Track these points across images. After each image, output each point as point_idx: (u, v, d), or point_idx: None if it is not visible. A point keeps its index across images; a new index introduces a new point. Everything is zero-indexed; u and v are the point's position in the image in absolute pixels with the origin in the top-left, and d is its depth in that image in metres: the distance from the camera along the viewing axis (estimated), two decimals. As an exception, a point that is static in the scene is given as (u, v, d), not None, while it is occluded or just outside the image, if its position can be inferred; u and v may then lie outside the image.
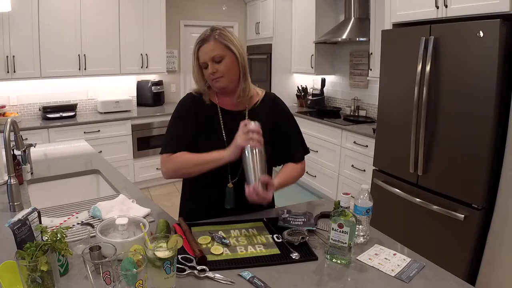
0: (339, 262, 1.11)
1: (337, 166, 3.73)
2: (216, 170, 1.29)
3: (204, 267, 1.05)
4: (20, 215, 1.01)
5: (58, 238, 0.93)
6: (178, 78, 5.12)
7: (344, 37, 3.72)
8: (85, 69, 3.95)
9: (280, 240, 1.23)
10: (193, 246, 1.12)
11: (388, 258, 1.14)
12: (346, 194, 1.16)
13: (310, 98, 4.74)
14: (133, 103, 4.43)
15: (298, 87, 4.93)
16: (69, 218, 1.38)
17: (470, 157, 2.09)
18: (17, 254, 0.86)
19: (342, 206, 1.13)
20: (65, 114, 3.88)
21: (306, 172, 3.98)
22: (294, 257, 1.13)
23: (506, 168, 2.00)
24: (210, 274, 1.03)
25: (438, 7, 2.31)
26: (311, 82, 4.88)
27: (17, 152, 1.75)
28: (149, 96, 4.58)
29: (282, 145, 1.46)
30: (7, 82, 3.62)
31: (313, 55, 4.38)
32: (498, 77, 1.93)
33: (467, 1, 2.14)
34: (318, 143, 3.91)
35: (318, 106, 4.51)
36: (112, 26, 4.05)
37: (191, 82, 5.24)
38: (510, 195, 1.98)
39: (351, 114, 4.13)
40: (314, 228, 1.31)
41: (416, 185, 2.46)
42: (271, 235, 1.26)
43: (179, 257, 1.07)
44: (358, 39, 3.67)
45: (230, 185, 1.36)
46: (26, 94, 3.89)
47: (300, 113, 4.28)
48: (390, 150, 2.68)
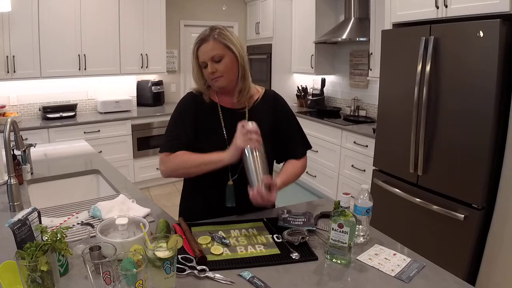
0: (339, 262, 1.11)
1: (337, 166, 3.73)
2: (216, 169, 1.29)
3: (204, 267, 1.05)
4: (20, 215, 1.01)
5: (58, 238, 0.93)
6: (178, 78, 5.12)
7: (344, 37, 3.72)
8: (85, 69, 3.95)
9: (280, 240, 1.23)
10: (193, 246, 1.12)
11: (388, 258, 1.14)
12: (346, 194, 1.16)
13: (310, 98, 4.74)
14: (133, 103, 4.43)
15: (298, 87, 4.93)
16: (69, 218, 1.38)
17: (470, 157, 2.09)
18: (17, 254, 0.86)
19: (342, 206, 1.13)
20: (65, 114, 3.88)
21: (306, 172, 3.98)
22: (294, 257, 1.13)
23: (506, 168, 2.00)
24: (210, 274, 1.03)
25: (438, 7, 2.31)
26: (311, 82, 4.88)
27: (17, 152, 1.75)
28: (149, 96, 4.58)
29: (283, 141, 1.46)
30: (7, 82, 3.63)
31: (313, 55, 4.38)
32: (498, 77, 1.93)
33: (467, 1, 2.14)
34: (318, 143, 3.91)
35: (318, 106, 4.51)
36: (112, 26, 4.05)
37: (191, 82, 5.23)
38: (510, 195, 1.98)
39: (351, 114, 4.13)
40: (314, 228, 1.31)
41: (416, 185, 2.46)
42: (271, 235, 1.26)
43: (179, 257, 1.07)
44: (358, 39, 3.67)
45: (230, 182, 1.36)
46: (26, 94, 3.89)
47: (300, 113, 4.28)
48: (390, 150, 2.68)
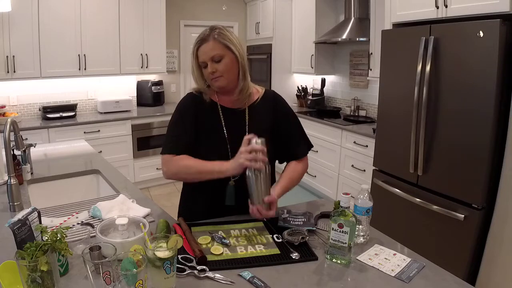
0: (339, 262, 1.11)
1: (337, 166, 3.73)
2: None
3: (204, 267, 1.05)
4: (20, 215, 1.01)
5: (58, 238, 0.93)
6: (178, 78, 5.12)
7: (344, 37, 3.72)
8: (85, 69, 3.95)
9: (280, 240, 1.23)
10: (193, 246, 1.12)
11: (388, 258, 1.14)
12: (346, 194, 1.16)
13: (310, 98, 4.74)
14: (133, 103, 4.43)
15: (298, 87, 4.93)
16: (69, 218, 1.38)
17: (470, 157, 2.09)
18: (17, 254, 0.86)
19: (342, 206, 1.13)
20: (65, 114, 3.88)
21: (306, 172, 3.97)
22: (294, 257, 1.13)
23: (506, 168, 2.00)
24: (210, 274, 1.03)
25: (438, 7, 2.31)
26: (311, 82, 4.88)
27: (17, 152, 1.75)
28: (149, 96, 4.58)
29: (284, 141, 1.46)
30: (7, 82, 3.62)
31: (313, 55, 4.38)
32: (498, 77, 1.93)
33: (467, 1, 2.14)
34: (318, 143, 3.91)
35: (318, 106, 4.51)
36: (112, 26, 4.05)
37: (191, 82, 5.21)
38: (510, 195, 1.98)
39: (351, 114, 4.13)
40: (314, 228, 1.31)
41: (416, 185, 2.46)
42: (271, 235, 1.26)
43: (179, 257, 1.07)
44: (358, 39, 3.67)
45: (232, 182, 1.36)
46: (26, 94, 3.89)
47: (300, 113, 4.28)
48: (390, 150, 2.68)
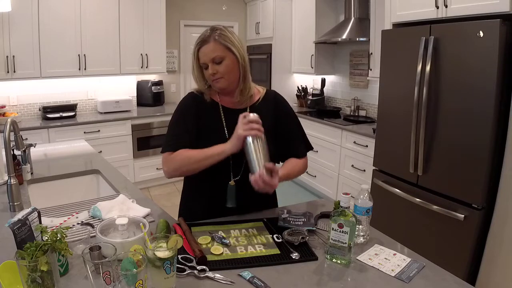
0: (339, 262, 1.11)
1: (337, 166, 3.73)
2: (218, 168, 1.29)
3: (204, 267, 1.05)
4: (20, 215, 1.01)
5: (58, 238, 0.93)
6: (178, 78, 5.12)
7: (344, 37, 3.72)
8: (85, 69, 3.95)
9: (280, 240, 1.23)
10: (193, 246, 1.12)
11: (388, 258, 1.14)
12: (346, 194, 1.16)
13: (310, 98, 4.74)
14: (133, 103, 4.43)
15: (298, 87, 4.93)
16: (69, 218, 1.38)
17: (470, 157, 2.09)
18: (17, 254, 0.86)
19: (342, 206, 1.13)
20: (65, 114, 3.88)
21: (306, 172, 3.96)
22: (294, 257, 1.13)
23: (506, 168, 2.00)
24: (210, 274, 1.03)
25: (438, 7, 2.31)
26: (311, 82, 4.88)
27: (17, 152, 1.75)
28: (149, 96, 4.58)
29: (284, 141, 1.45)
30: (7, 82, 3.63)
31: (313, 55, 4.38)
32: (498, 77, 1.93)
33: (467, 1, 2.14)
34: (318, 143, 3.91)
35: (318, 106, 4.51)
36: (112, 26, 4.05)
37: (191, 82, 5.23)
38: (510, 195, 1.98)
39: (351, 114, 4.13)
40: (314, 228, 1.31)
41: (416, 185, 2.46)
42: (271, 235, 1.26)
43: (179, 257, 1.07)
44: (358, 39, 3.67)
45: (232, 182, 1.35)
46: (26, 94, 3.89)
47: (300, 113, 4.28)
48: (390, 150, 2.68)
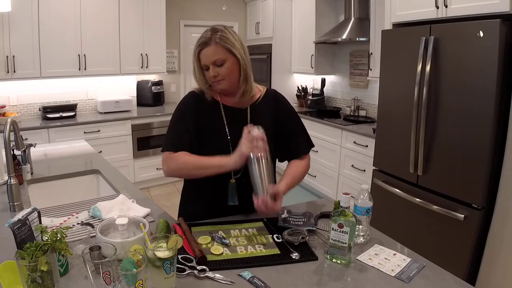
0: (339, 262, 1.11)
1: (337, 166, 3.73)
2: None
3: (204, 267, 1.05)
4: (20, 215, 1.01)
5: (58, 238, 0.93)
6: (178, 78, 5.12)
7: (344, 37, 3.72)
8: (85, 69, 3.95)
9: (280, 240, 1.23)
10: (193, 246, 1.12)
11: (388, 258, 1.14)
12: (346, 194, 1.16)
13: (310, 98, 4.74)
14: (133, 103, 4.43)
15: (298, 87, 4.93)
16: (69, 218, 1.38)
17: (470, 157, 2.09)
18: (17, 254, 0.86)
19: (342, 206, 1.13)
20: (65, 114, 3.88)
21: (306, 172, 3.97)
22: (294, 257, 1.13)
23: (506, 168, 2.00)
24: (210, 274, 1.03)
25: (438, 7, 2.31)
26: (311, 82, 4.88)
27: (17, 152, 1.75)
28: (149, 96, 4.58)
29: (285, 140, 1.46)
30: (7, 82, 3.62)
31: (313, 55, 4.38)
32: (498, 77, 1.93)
33: (467, 1, 2.14)
34: (318, 143, 3.91)
35: (318, 106, 4.51)
36: (112, 26, 4.05)
37: (191, 82, 5.24)
38: (510, 195, 1.98)
39: (351, 114, 4.13)
40: (314, 228, 1.31)
41: (416, 185, 2.46)
42: (271, 235, 1.26)
43: (179, 257, 1.07)
44: (358, 39, 3.67)
45: (232, 180, 1.35)
46: (26, 94, 3.89)
47: (300, 113, 4.27)
48: (390, 150, 2.68)
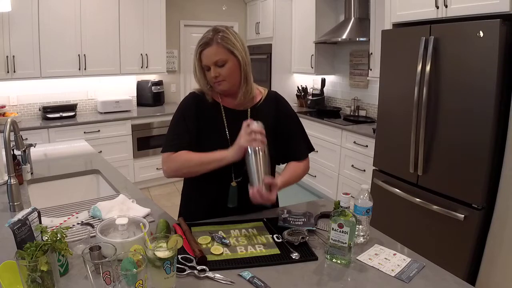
0: (339, 262, 1.11)
1: (337, 166, 3.73)
2: (220, 170, 1.29)
3: (204, 267, 1.05)
4: (20, 215, 1.01)
5: (58, 238, 0.93)
6: (178, 78, 5.12)
7: (344, 37, 3.72)
8: (85, 69, 3.95)
9: (280, 240, 1.23)
10: (193, 246, 1.12)
11: (388, 258, 1.14)
12: (346, 194, 1.16)
13: (310, 98, 4.74)
14: (133, 103, 4.43)
15: (298, 87, 4.93)
16: (69, 218, 1.38)
17: (470, 157, 2.09)
18: (17, 254, 0.86)
19: (342, 206, 1.13)
20: (65, 114, 3.88)
21: (306, 172, 3.97)
22: (294, 257, 1.13)
23: (506, 168, 2.00)
24: (210, 274, 1.03)
25: (438, 7, 2.31)
26: (311, 82, 4.88)
27: (17, 152, 1.75)
28: (149, 96, 4.58)
29: (285, 142, 1.45)
30: (7, 82, 3.62)
31: (313, 55, 4.38)
32: (498, 77, 1.93)
33: (467, 1, 2.14)
34: (318, 143, 3.91)
35: (318, 106, 4.51)
36: (112, 26, 4.05)
37: (191, 82, 5.24)
38: (510, 195, 1.98)
39: (351, 114, 4.13)
40: (314, 228, 1.31)
41: (416, 185, 2.46)
42: (271, 235, 1.26)
43: (179, 257, 1.07)
44: (358, 39, 3.67)
45: (234, 183, 1.36)
46: (26, 94, 3.89)
47: (300, 113, 4.27)
48: (390, 150, 2.68)
